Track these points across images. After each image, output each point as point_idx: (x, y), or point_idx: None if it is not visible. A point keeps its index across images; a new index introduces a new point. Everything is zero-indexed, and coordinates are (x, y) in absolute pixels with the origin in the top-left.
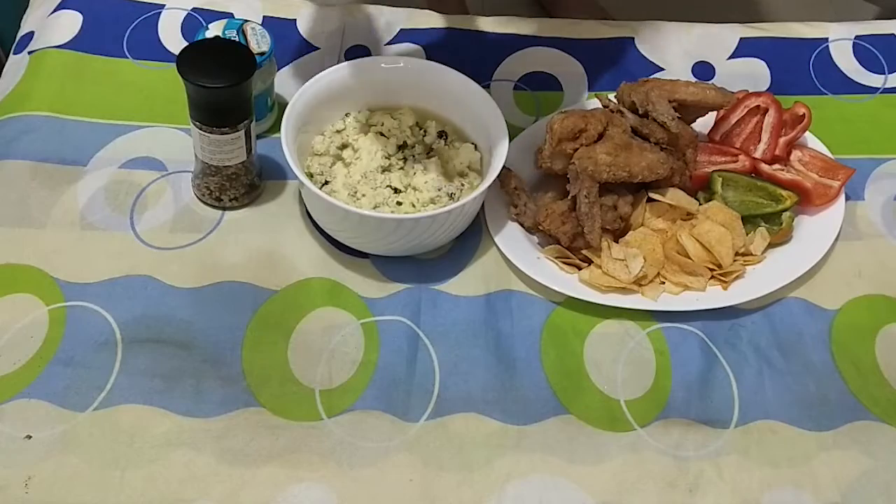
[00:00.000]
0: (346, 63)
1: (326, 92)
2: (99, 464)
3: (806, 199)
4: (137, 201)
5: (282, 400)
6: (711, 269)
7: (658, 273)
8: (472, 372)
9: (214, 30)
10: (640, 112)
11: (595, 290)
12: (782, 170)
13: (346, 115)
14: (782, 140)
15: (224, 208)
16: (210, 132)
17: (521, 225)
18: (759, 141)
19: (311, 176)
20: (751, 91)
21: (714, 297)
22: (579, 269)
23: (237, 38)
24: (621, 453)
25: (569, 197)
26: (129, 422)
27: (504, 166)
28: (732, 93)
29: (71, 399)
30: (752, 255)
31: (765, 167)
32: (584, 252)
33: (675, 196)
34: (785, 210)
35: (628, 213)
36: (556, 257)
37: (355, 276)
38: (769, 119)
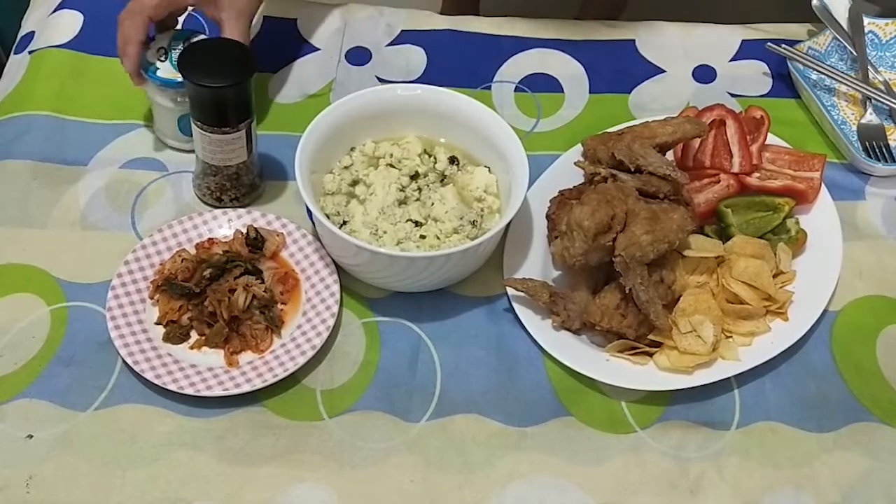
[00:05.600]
0: (344, 99)
1: (331, 129)
2: (100, 463)
3: (802, 200)
4: (138, 201)
5: (283, 400)
6: (764, 305)
7: (721, 329)
8: (474, 373)
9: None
10: (633, 169)
11: (682, 374)
12: (770, 178)
13: (351, 149)
14: (753, 148)
15: (225, 208)
16: (211, 132)
17: (569, 329)
18: (731, 155)
19: (327, 217)
20: (712, 105)
21: (785, 333)
22: (649, 355)
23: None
24: (622, 455)
25: (626, 290)
26: (131, 421)
27: (528, 280)
28: (703, 122)
29: (72, 399)
30: (783, 273)
31: (751, 180)
32: (650, 337)
33: (700, 244)
34: (785, 217)
35: (673, 280)
36: (622, 351)
37: None
38: (731, 130)
